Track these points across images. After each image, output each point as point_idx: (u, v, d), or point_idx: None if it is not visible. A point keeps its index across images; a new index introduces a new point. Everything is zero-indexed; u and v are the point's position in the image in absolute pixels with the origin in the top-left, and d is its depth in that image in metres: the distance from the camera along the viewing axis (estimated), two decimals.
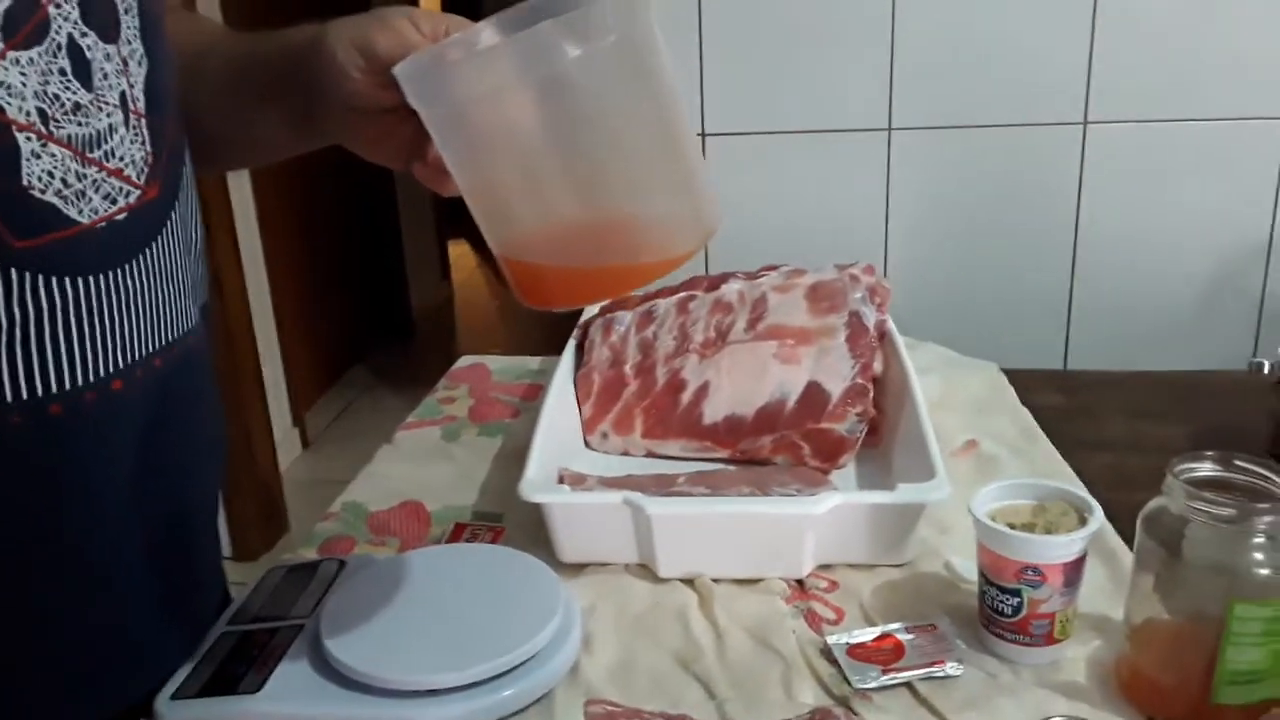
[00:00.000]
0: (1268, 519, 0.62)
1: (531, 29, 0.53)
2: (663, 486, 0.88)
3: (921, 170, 1.98)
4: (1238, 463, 0.66)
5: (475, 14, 0.64)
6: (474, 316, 4.57)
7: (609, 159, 0.56)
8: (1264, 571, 0.62)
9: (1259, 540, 0.62)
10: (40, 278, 0.55)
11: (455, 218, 4.80)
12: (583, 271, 0.58)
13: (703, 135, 1.97)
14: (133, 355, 0.61)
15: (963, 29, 1.90)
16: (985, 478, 0.92)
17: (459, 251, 5.03)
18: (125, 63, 0.61)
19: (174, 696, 0.68)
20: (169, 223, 0.65)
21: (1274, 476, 0.65)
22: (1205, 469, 0.66)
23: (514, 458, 0.97)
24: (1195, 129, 1.90)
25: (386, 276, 4.09)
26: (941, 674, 0.70)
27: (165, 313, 0.64)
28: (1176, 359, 2.01)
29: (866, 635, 0.74)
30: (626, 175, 0.57)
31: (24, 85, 0.54)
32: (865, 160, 1.99)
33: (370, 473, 1.02)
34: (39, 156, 0.55)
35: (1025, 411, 1.06)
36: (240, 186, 2.71)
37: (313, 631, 0.72)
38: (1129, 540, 0.71)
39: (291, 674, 0.69)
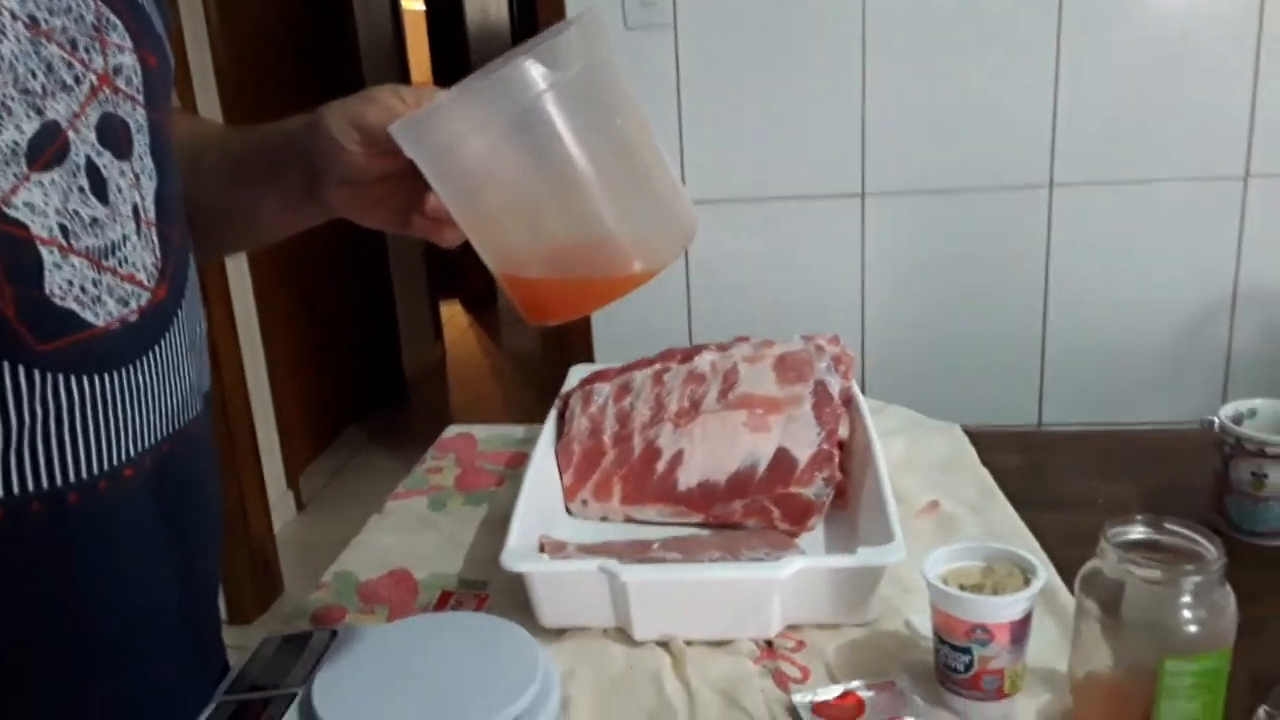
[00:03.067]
0: (1194, 579, 0.67)
1: (504, 66, 0.60)
2: (639, 553, 0.93)
3: (895, 234, 2.05)
4: (1167, 525, 0.71)
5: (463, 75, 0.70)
6: (466, 376, 4.62)
7: (588, 182, 0.62)
8: (1192, 629, 0.66)
9: (1186, 599, 0.67)
10: (60, 377, 0.60)
11: (446, 279, 4.87)
12: (576, 284, 0.65)
13: None
14: (143, 444, 0.66)
15: (931, 95, 1.98)
16: (946, 537, 0.97)
17: (451, 312, 5.10)
18: (137, 177, 0.67)
19: None
20: (175, 320, 0.70)
21: (1199, 538, 0.70)
22: (1137, 531, 0.71)
23: (499, 525, 1.01)
24: (1158, 189, 1.97)
25: (380, 338, 4.15)
26: None
27: (172, 402, 0.69)
28: (1149, 412, 2.07)
29: (830, 693, 0.78)
30: (607, 195, 0.63)
31: (46, 204, 0.59)
32: (840, 225, 2.06)
33: (360, 542, 1.06)
34: (60, 267, 0.60)
35: (985, 472, 1.11)
36: (236, 255, 2.77)
37: (305, 700, 0.76)
38: None
39: None
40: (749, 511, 1.01)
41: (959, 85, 1.97)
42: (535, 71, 0.60)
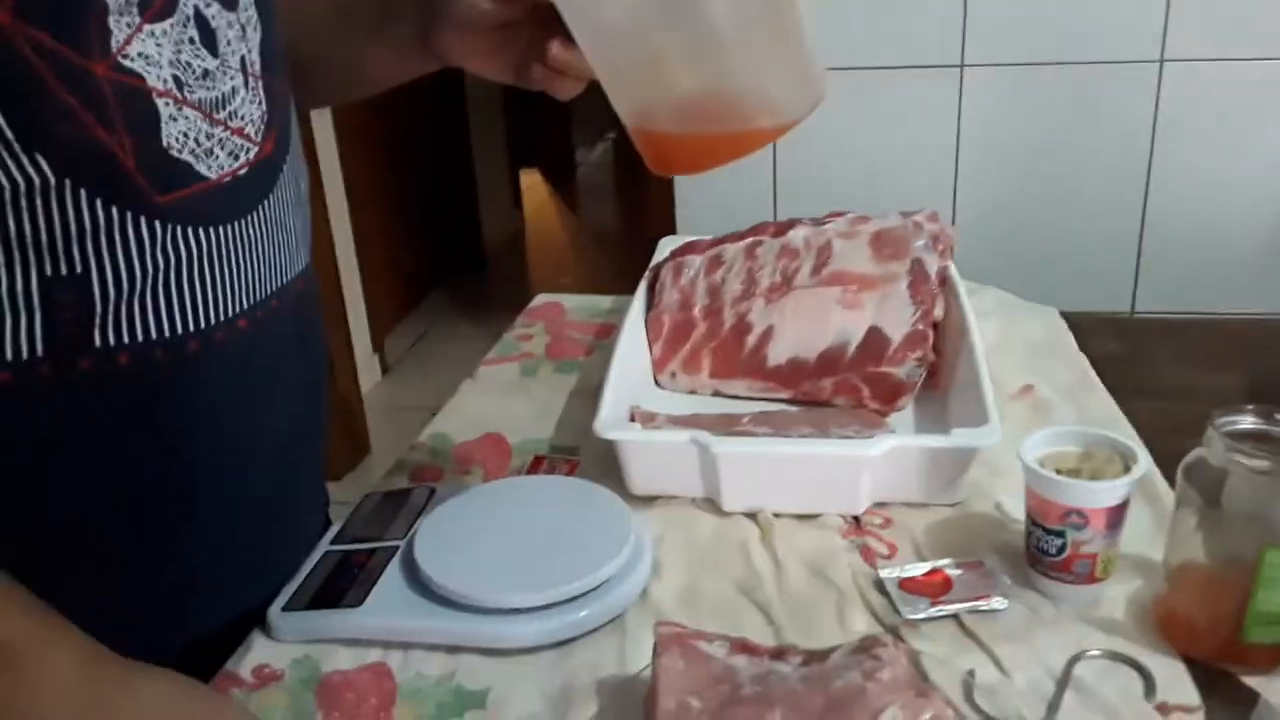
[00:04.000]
0: None
1: None
2: (727, 426, 0.93)
3: (994, 109, 1.97)
4: (1278, 416, 0.69)
5: None
6: (545, 248, 4.63)
7: (724, 32, 0.61)
8: None
9: None
10: (178, 229, 0.62)
11: (527, 149, 4.84)
12: (705, 138, 0.65)
13: None
14: (254, 297, 0.68)
15: None
16: (1039, 422, 0.96)
17: (530, 181, 5.07)
18: (244, 28, 0.67)
19: (285, 608, 0.76)
20: (281, 176, 0.71)
21: None
22: (1246, 422, 0.69)
23: (588, 394, 1.03)
24: (1272, 67, 1.87)
25: (461, 206, 4.16)
26: (986, 607, 0.75)
27: (280, 258, 0.71)
28: (1247, 301, 2.00)
29: (917, 569, 0.79)
30: (739, 47, 0.62)
31: (160, 54, 0.60)
32: (937, 98, 1.98)
33: (454, 405, 1.09)
34: (175, 119, 0.61)
35: (1082, 357, 1.09)
36: (321, 116, 2.78)
37: (407, 553, 0.79)
38: (1175, 485, 0.74)
39: (389, 590, 0.76)
40: (839, 389, 1.01)
41: None
42: None
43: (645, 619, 0.73)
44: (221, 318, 0.66)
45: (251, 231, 0.67)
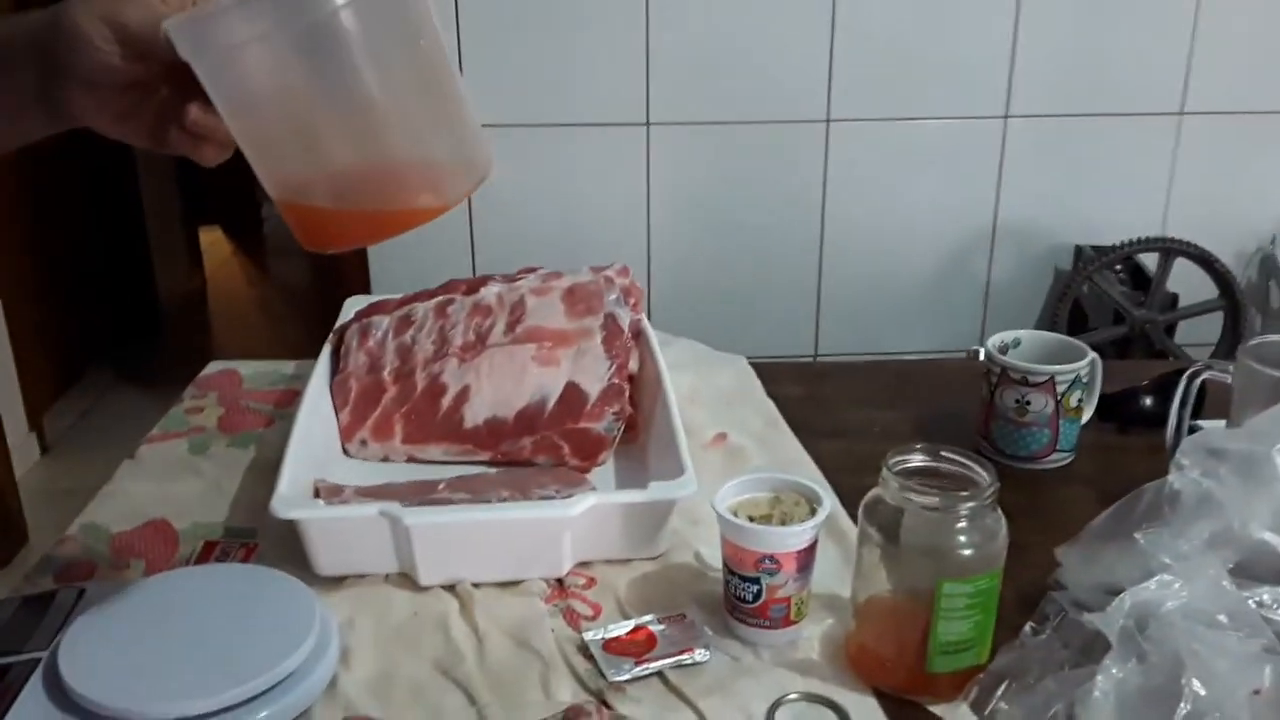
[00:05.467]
0: (969, 505, 0.69)
1: None
2: (423, 494, 0.89)
3: (680, 165, 2.05)
4: (944, 454, 0.74)
5: None
6: (229, 309, 4.36)
7: (380, 106, 0.59)
8: (966, 552, 0.69)
9: (961, 525, 0.69)
10: None
11: (204, 203, 4.56)
12: (361, 215, 0.61)
13: None
14: None
15: (714, 26, 1.98)
16: (733, 468, 0.98)
17: (211, 239, 4.78)
18: None
19: None
20: None
21: (974, 465, 0.72)
22: (916, 460, 0.73)
23: (268, 469, 0.95)
24: (925, 127, 2.06)
25: (131, 267, 3.84)
26: (690, 661, 0.74)
27: None
28: (917, 341, 2.18)
29: (621, 629, 0.77)
30: (398, 122, 0.59)
31: None
32: (626, 155, 2.04)
33: (111, 491, 0.97)
34: None
35: (769, 403, 1.12)
36: None
37: (50, 664, 0.69)
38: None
39: (30, 712, 0.66)
40: (539, 448, 0.98)
41: (741, 17, 1.98)
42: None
43: (334, 714, 0.67)
44: None
45: None
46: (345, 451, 1.01)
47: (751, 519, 0.76)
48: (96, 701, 0.65)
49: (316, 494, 0.87)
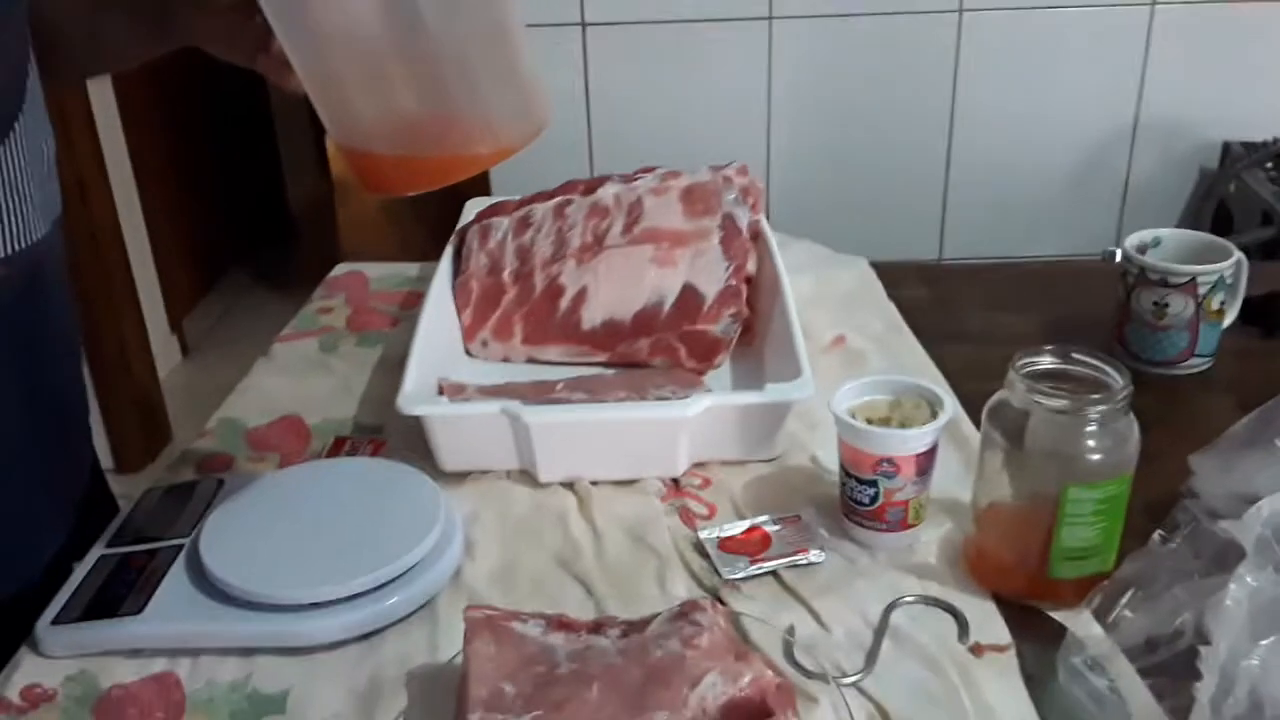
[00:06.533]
0: (1099, 409, 0.67)
1: None
2: (541, 393, 0.90)
3: (802, 61, 1.99)
4: (1074, 355, 0.71)
5: None
6: (356, 214, 4.45)
7: (444, 55, 0.59)
8: (1095, 457, 0.67)
9: (1091, 429, 0.67)
10: None
11: None
12: (419, 160, 0.62)
13: (582, 24, 1.94)
14: None
15: None
16: (852, 372, 0.96)
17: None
18: None
19: (54, 621, 0.68)
20: (12, 135, 0.64)
21: (1106, 368, 0.69)
22: (1045, 362, 0.71)
23: (394, 367, 0.97)
24: (1065, 15, 1.95)
25: (263, 174, 3.95)
26: (805, 562, 0.74)
27: (12, 220, 0.64)
28: (1048, 245, 2.10)
29: (736, 529, 0.78)
30: (462, 72, 0.59)
31: None
32: (747, 50, 1.98)
33: (246, 387, 1.01)
34: None
35: (891, 306, 1.10)
36: (100, 86, 2.57)
37: (192, 551, 0.73)
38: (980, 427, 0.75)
39: (173, 594, 0.70)
40: (655, 350, 0.98)
41: None
42: None
43: (458, 603, 0.69)
44: None
45: None
46: (467, 351, 1.03)
47: (870, 422, 0.75)
48: (234, 585, 0.68)
49: (440, 392, 0.89)
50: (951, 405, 0.76)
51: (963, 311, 1.11)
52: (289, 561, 0.71)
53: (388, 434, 0.91)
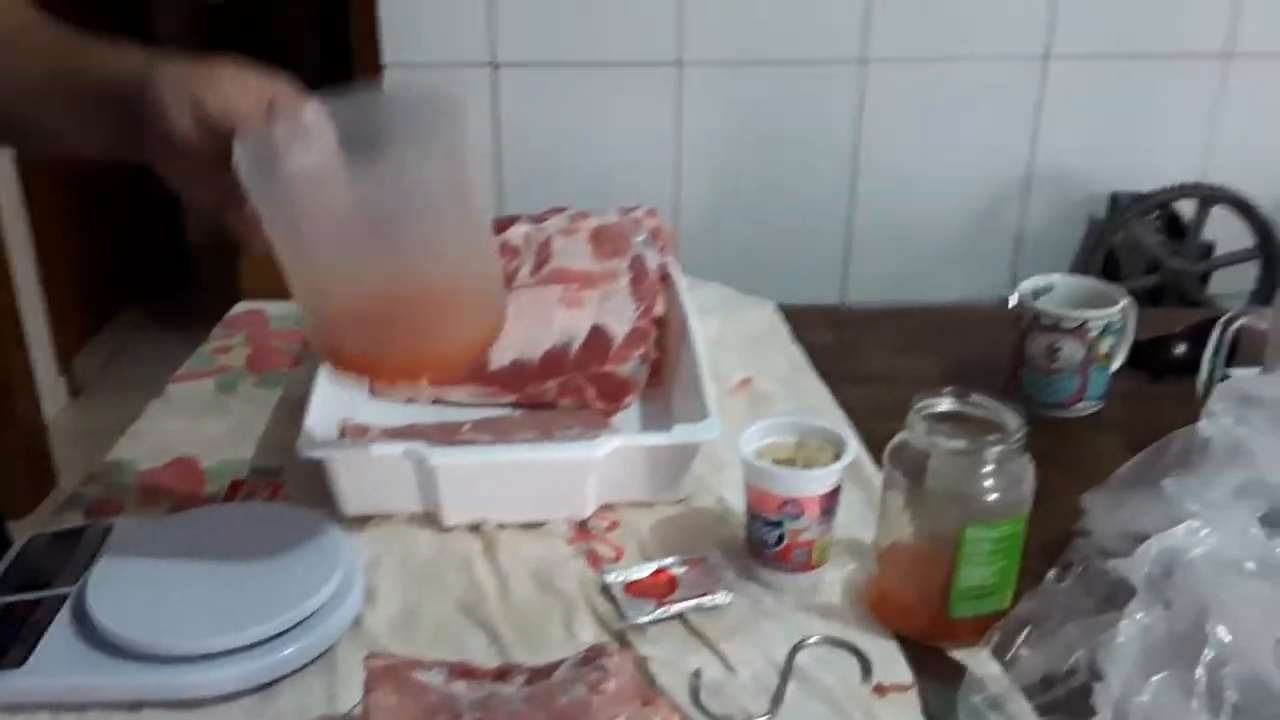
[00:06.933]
0: (996, 449, 0.68)
1: (380, 159, 0.63)
2: (447, 435, 0.89)
3: (711, 106, 2.02)
4: (972, 398, 0.73)
5: None
6: (258, 256, 4.37)
7: (421, 262, 0.66)
8: (992, 497, 0.68)
9: (988, 469, 0.68)
10: None
11: None
12: (383, 360, 0.71)
13: (493, 65, 1.94)
14: None
15: None
16: (759, 413, 0.97)
17: None
18: None
19: None
20: None
21: (1003, 409, 0.71)
22: (943, 404, 0.72)
23: (294, 408, 0.95)
24: (962, 67, 2.02)
25: (163, 213, 3.85)
26: (711, 603, 0.74)
27: None
28: (948, 290, 2.16)
29: (642, 571, 0.77)
30: (434, 275, 0.67)
31: None
32: (656, 95, 2.01)
33: (138, 429, 0.98)
34: None
35: (797, 348, 1.11)
36: None
37: (78, 600, 0.70)
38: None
39: (58, 645, 0.67)
40: (564, 391, 0.98)
41: None
42: (409, 154, 0.63)
43: (358, 652, 0.67)
44: None
45: None
46: (372, 392, 1.01)
47: (775, 462, 0.75)
48: (123, 635, 0.65)
49: (342, 434, 0.88)
50: (854, 446, 0.77)
51: (866, 354, 1.13)
52: (180, 610, 0.68)
53: (286, 477, 0.89)
